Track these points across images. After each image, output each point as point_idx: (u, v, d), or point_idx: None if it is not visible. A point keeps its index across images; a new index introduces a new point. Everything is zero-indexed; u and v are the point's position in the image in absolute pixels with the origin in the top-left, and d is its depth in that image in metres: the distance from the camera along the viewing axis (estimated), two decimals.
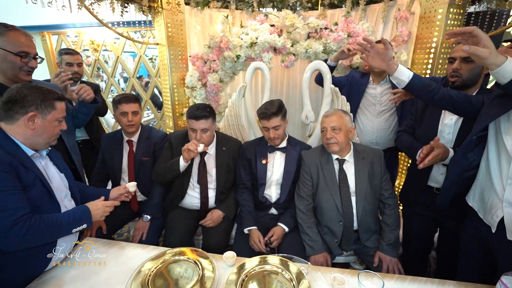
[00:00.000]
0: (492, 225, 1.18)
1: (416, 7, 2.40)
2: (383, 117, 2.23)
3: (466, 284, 1.14)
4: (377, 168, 1.68)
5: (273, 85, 3.02)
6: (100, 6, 2.34)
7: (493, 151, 1.18)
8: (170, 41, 2.65)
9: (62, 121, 1.28)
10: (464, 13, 2.19)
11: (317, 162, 1.74)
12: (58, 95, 1.24)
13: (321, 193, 1.71)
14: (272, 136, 1.79)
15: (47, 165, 1.28)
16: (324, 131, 1.68)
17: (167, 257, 1.28)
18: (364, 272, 1.12)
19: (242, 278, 1.15)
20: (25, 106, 1.14)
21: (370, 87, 2.25)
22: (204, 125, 1.75)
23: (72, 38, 4.09)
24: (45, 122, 1.19)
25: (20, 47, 1.38)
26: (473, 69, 1.44)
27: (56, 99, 1.23)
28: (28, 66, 1.43)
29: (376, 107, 2.24)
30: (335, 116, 1.66)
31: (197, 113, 1.73)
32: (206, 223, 1.84)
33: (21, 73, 1.43)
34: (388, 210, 1.69)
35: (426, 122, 1.65)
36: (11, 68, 1.40)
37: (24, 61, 1.40)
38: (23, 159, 1.15)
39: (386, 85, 2.21)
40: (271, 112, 1.74)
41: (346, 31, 2.49)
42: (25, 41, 1.40)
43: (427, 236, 1.78)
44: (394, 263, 1.56)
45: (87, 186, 1.65)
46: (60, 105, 1.24)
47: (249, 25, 2.55)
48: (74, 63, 2.41)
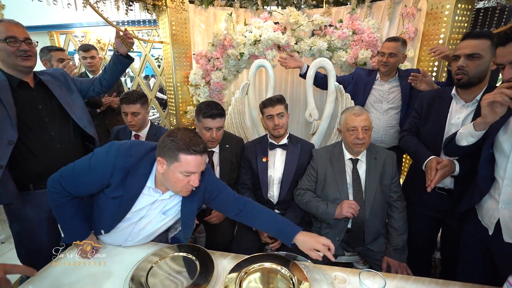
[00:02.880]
0: (489, 227, 1.17)
1: (423, 3, 2.36)
2: (389, 114, 2.20)
3: (472, 285, 1.11)
4: (388, 169, 1.64)
5: (277, 83, 3.00)
6: (105, 5, 2.36)
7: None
8: (174, 39, 2.66)
9: (190, 175, 1.16)
10: (473, 9, 2.15)
11: (327, 160, 1.72)
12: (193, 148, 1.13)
13: (329, 192, 1.68)
14: (277, 123, 1.79)
15: (154, 204, 1.29)
16: (353, 130, 1.57)
17: (167, 253, 1.28)
18: (366, 271, 1.09)
19: (241, 275, 1.14)
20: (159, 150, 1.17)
21: (377, 84, 2.22)
22: (220, 123, 1.76)
23: (79, 37, 4.15)
24: (168, 171, 1.16)
25: (5, 33, 1.40)
26: (480, 65, 1.36)
27: (183, 150, 1.12)
28: (20, 50, 1.44)
29: (383, 105, 2.20)
30: (365, 115, 1.58)
31: (214, 112, 1.73)
32: (211, 220, 1.84)
33: (17, 59, 1.44)
34: (396, 214, 1.65)
35: (432, 121, 1.58)
36: (6, 56, 1.44)
37: (14, 46, 1.42)
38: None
39: (394, 83, 2.17)
40: (276, 98, 1.81)
41: (351, 28, 2.47)
42: (9, 27, 1.42)
43: (430, 236, 1.74)
44: (403, 268, 1.53)
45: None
46: (185, 157, 1.12)
47: (253, 23, 2.54)
48: (65, 58, 2.53)
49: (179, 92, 2.84)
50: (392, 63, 2.07)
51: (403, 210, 1.66)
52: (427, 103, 1.63)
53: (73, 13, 2.25)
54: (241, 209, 1.37)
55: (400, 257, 1.55)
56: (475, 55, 1.34)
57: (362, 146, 1.59)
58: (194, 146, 1.12)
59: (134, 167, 1.21)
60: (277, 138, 1.87)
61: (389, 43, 2.06)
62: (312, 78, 2.26)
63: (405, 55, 2.14)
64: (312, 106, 2.28)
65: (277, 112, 1.79)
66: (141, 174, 1.22)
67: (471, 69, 1.37)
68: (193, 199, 1.31)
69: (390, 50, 2.04)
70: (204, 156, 1.17)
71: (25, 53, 1.46)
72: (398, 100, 2.16)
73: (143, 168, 1.22)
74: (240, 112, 2.38)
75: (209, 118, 1.73)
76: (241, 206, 1.37)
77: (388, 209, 1.69)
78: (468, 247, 1.32)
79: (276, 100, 1.80)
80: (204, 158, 1.17)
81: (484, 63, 1.35)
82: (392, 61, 2.06)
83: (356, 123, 1.56)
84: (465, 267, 1.34)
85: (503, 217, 1.11)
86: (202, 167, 1.18)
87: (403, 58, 2.12)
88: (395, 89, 2.17)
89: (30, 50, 1.47)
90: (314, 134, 2.33)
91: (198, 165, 1.15)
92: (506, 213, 1.10)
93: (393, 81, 2.18)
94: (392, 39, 2.07)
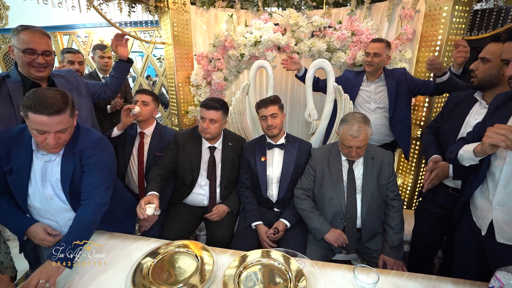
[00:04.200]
0: (482, 228, 1.18)
1: (421, 5, 2.38)
2: (378, 113, 2.28)
3: (463, 281, 1.14)
4: (385, 168, 1.68)
5: (277, 84, 3.04)
6: (108, 6, 2.41)
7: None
8: (176, 40, 2.69)
9: (43, 134, 1.17)
10: (470, 11, 2.17)
11: (324, 160, 1.75)
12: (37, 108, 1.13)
13: (325, 191, 1.71)
14: (269, 123, 1.82)
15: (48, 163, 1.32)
16: (348, 147, 1.57)
17: (168, 249, 1.32)
18: (360, 266, 1.13)
19: (240, 270, 1.18)
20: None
21: (364, 85, 2.30)
22: (213, 116, 1.82)
23: (82, 38, 4.19)
24: (29, 128, 1.19)
25: (25, 45, 1.45)
26: (488, 69, 1.37)
27: (31, 109, 1.12)
28: (35, 62, 1.49)
29: (371, 105, 2.28)
30: (362, 135, 1.52)
31: (209, 103, 1.83)
32: (212, 217, 1.88)
33: (31, 69, 1.50)
34: (392, 213, 1.68)
35: (452, 121, 1.60)
36: (21, 64, 1.50)
37: (30, 58, 1.47)
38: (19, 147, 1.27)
39: (380, 83, 2.26)
40: (269, 99, 1.84)
41: (350, 29, 2.50)
42: (31, 38, 1.46)
43: (436, 235, 1.75)
44: (399, 265, 1.55)
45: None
46: (33, 116, 1.13)
47: (253, 24, 2.58)
48: (75, 61, 2.60)
49: (181, 92, 2.88)
50: (376, 63, 2.16)
51: (399, 209, 1.69)
52: (453, 103, 1.64)
53: (77, 14, 2.29)
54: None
55: (396, 255, 1.58)
56: (486, 58, 1.36)
57: (357, 157, 1.63)
58: (39, 106, 1.11)
59: (16, 138, 1.28)
60: (274, 138, 1.90)
61: (373, 44, 2.15)
62: (312, 79, 2.29)
63: (389, 56, 2.23)
64: (312, 107, 2.31)
65: (270, 112, 1.82)
66: (24, 141, 1.28)
67: (480, 72, 1.40)
68: (69, 164, 1.32)
69: (374, 50, 2.14)
70: (55, 117, 1.15)
71: (40, 65, 1.51)
72: (384, 99, 2.24)
73: (26, 135, 1.28)
74: (240, 112, 2.41)
75: (203, 107, 1.84)
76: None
77: (385, 208, 1.72)
78: (462, 246, 1.34)
79: (269, 101, 1.83)
80: (55, 119, 1.15)
81: (494, 67, 1.36)
82: (376, 61, 2.15)
83: (351, 143, 1.55)
84: (460, 266, 1.36)
85: (496, 218, 1.12)
86: (54, 128, 1.16)
87: (387, 58, 2.21)
88: (381, 88, 2.25)
89: (46, 62, 1.52)
90: (313, 134, 2.36)
91: (46, 125, 1.14)
92: (499, 214, 1.11)
93: (379, 82, 2.26)
94: (376, 40, 2.17)
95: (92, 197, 1.32)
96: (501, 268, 0.88)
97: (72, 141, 1.32)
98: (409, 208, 2.61)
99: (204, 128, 1.83)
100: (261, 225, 1.80)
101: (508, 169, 1.07)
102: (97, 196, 1.33)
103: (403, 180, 2.67)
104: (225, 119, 1.94)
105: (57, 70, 1.79)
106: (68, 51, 2.64)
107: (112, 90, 2.07)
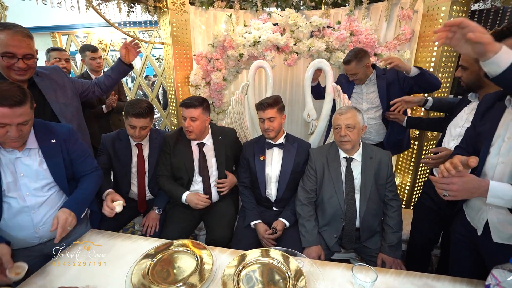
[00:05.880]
0: (478, 228, 1.19)
1: (419, 5, 2.39)
2: (369, 113, 2.32)
3: (460, 280, 1.15)
4: (384, 168, 1.68)
5: (276, 84, 3.05)
6: (107, 7, 2.41)
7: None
8: (175, 40, 2.70)
9: (4, 127, 1.16)
10: (468, 11, 2.18)
11: (323, 159, 1.76)
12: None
13: (325, 190, 1.72)
14: (266, 127, 1.83)
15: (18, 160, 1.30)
16: (337, 128, 1.66)
17: (167, 249, 1.32)
18: (358, 265, 1.13)
19: (239, 270, 1.18)
20: None
21: (356, 88, 2.35)
22: (193, 114, 1.83)
23: (81, 38, 4.19)
24: None
25: (4, 48, 1.37)
26: (468, 75, 1.50)
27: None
28: (15, 66, 1.41)
29: (363, 105, 2.32)
30: (350, 114, 1.64)
31: (187, 102, 1.84)
32: (223, 186, 1.95)
33: (11, 72, 1.43)
34: (390, 212, 1.69)
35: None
36: (1, 67, 1.43)
37: (9, 62, 1.40)
38: None
39: (370, 84, 2.30)
40: (267, 103, 1.82)
41: (349, 29, 2.51)
42: (11, 41, 1.38)
43: (434, 230, 1.78)
44: (398, 264, 1.56)
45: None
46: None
47: (252, 24, 2.58)
48: (61, 58, 2.56)
49: (180, 92, 2.88)
50: (360, 78, 2.23)
51: (398, 208, 1.69)
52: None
53: (75, 14, 2.30)
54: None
55: (395, 253, 1.59)
56: (464, 65, 1.49)
57: (347, 143, 1.64)
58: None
59: None
60: (273, 138, 1.90)
61: (346, 67, 2.21)
62: (310, 79, 2.30)
63: (368, 65, 2.20)
64: (310, 106, 2.32)
65: (268, 116, 1.81)
66: None
67: (464, 78, 1.53)
68: (53, 153, 1.37)
69: (349, 72, 2.22)
70: (16, 109, 1.15)
71: (20, 69, 1.44)
72: (376, 100, 2.27)
73: None
74: (239, 112, 2.42)
75: (183, 107, 1.86)
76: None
77: (383, 207, 1.73)
78: (458, 245, 1.34)
79: (267, 105, 1.81)
80: (17, 111, 1.15)
81: (472, 72, 1.48)
82: (358, 77, 2.22)
83: (340, 121, 1.64)
84: (455, 264, 1.37)
85: (492, 218, 1.12)
86: (15, 120, 1.16)
87: (367, 67, 2.20)
88: (372, 89, 2.28)
89: (27, 65, 1.45)
90: (312, 134, 2.37)
91: (8, 117, 1.14)
92: (494, 215, 1.11)
93: (369, 83, 2.30)
94: (346, 62, 2.19)
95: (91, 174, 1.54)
96: (498, 266, 0.89)
97: (46, 131, 1.37)
98: (407, 208, 2.62)
99: (186, 127, 1.84)
100: (260, 224, 1.81)
101: (501, 169, 1.08)
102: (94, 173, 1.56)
103: (402, 180, 2.68)
104: (207, 116, 1.92)
105: (42, 67, 1.71)
106: (53, 49, 2.63)
107: (102, 90, 1.98)
